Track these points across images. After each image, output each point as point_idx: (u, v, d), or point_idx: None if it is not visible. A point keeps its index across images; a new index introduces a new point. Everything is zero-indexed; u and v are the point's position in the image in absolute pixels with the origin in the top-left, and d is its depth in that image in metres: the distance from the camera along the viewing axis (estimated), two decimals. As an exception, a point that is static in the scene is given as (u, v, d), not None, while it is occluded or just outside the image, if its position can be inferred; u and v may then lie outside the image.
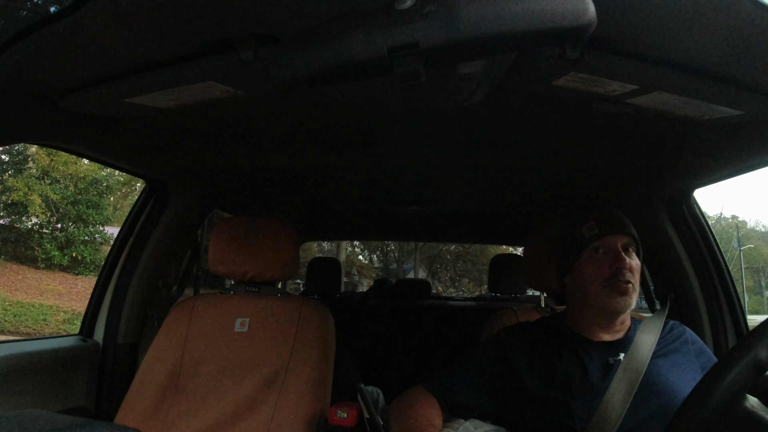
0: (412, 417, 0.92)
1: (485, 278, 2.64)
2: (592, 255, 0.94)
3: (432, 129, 1.15)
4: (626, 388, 0.86)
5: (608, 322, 0.96)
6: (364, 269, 18.57)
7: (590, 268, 0.94)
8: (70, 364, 1.34)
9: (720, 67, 0.70)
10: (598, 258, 0.94)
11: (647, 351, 0.91)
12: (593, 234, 0.94)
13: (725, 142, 0.98)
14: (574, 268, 0.97)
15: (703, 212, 1.39)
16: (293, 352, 1.20)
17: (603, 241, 0.94)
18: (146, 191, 1.50)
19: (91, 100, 0.84)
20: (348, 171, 1.50)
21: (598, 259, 0.93)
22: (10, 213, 11.75)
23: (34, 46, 0.66)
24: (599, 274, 0.92)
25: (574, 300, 1.00)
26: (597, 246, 0.94)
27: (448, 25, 0.46)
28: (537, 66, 0.72)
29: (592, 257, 0.94)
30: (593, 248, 0.94)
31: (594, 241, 0.94)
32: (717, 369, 0.63)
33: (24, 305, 10.25)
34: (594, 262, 0.94)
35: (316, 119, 1.09)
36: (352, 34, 0.50)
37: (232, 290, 1.33)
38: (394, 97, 0.89)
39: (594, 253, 0.94)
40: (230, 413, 1.14)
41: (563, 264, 1.00)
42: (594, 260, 0.94)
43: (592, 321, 0.97)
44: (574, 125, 1.06)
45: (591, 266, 0.94)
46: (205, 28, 0.64)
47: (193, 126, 1.12)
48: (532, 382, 0.93)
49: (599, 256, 0.94)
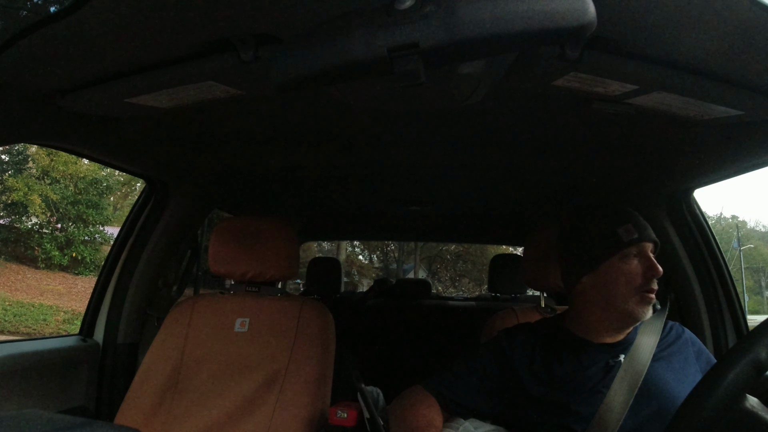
0: (412, 417, 0.92)
1: (485, 278, 2.64)
2: (626, 259, 0.91)
3: (432, 129, 1.15)
4: (626, 390, 0.85)
5: (621, 327, 0.95)
6: (364, 269, 18.55)
7: (622, 271, 0.90)
8: (70, 364, 1.34)
9: (720, 67, 0.70)
10: (631, 263, 0.90)
11: (648, 353, 0.90)
12: (633, 238, 0.90)
13: (725, 142, 0.98)
14: (599, 269, 0.93)
15: (703, 212, 1.39)
16: (293, 352, 1.20)
17: (639, 247, 0.91)
18: (146, 191, 1.50)
19: (91, 100, 0.84)
20: (348, 171, 1.50)
21: (631, 264, 0.90)
22: (10, 213, 11.76)
23: (34, 46, 0.66)
24: (632, 280, 0.89)
25: (587, 300, 0.96)
26: (633, 251, 0.91)
27: (448, 25, 0.46)
28: (537, 66, 0.72)
29: (625, 261, 0.91)
30: (628, 252, 0.91)
31: (632, 245, 0.90)
32: (717, 369, 0.62)
33: (24, 305, 10.26)
34: (627, 266, 0.90)
35: (316, 119, 1.09)
36: (352, 34, 0.50)
37: (232, 290, 1.33)
38: (394, 97, 0.89)
39: (628, 257, 0.91)
40: (230, 413, 1.14)
41: (586, 262, 0.94)
42: (627, 264, 0.90)
43: (602, 323, 0.95)
44: (574, 125, 1.06)
45: (623, 270, 0.90)
46: (205, 28, 0.65)
47: (193, 126, 1.12)
48: (532, 384, 0.93)
49: (633, 262, 0.90)
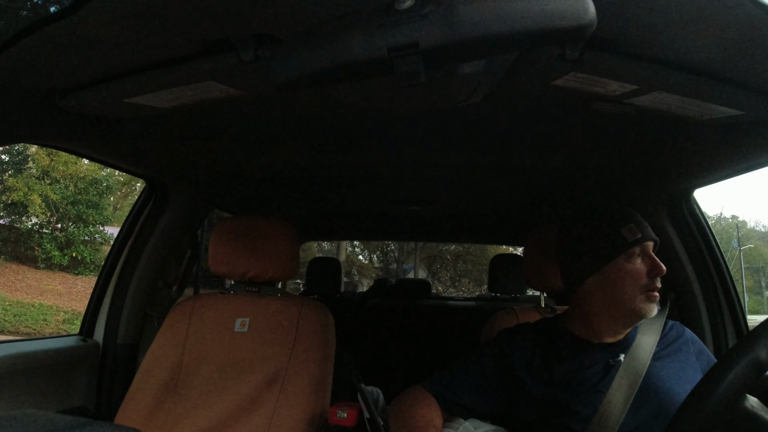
0: (413, 417, 0.92)
1: (485, 278, 2.64)
2: (630, 259, 0.92)
3: (432, 129, 1.15)
4: (626, 389, 0.86)
5: (628, 326, 0.95)
6: (364, 269, 18.56)
7: (629, 271, 0.91)
8: (70, 364, 1.34)
9: (720, 67, 0.70)
10: (636, 262, 0.92)
11: (647, 352, 0.91)
12: (636, 238, 0.92)
13: (725, 142, 0.98)
14: (604, 270, 0.94)
15: (703, 212, 1.39)
16: (293, 352, 1.20)
17: (643, 247, 0.92)
18: (146, 191, 1.50)
19: (91, 100, 0.84)
20: (348, 171, 1.50)
21: (636, 263, 0.92)
22: (10, 213, 11.76)
23: (34, 46, 0.66)
24: (637, 280, 0.91)
25: (592, 301, 0.96)
26: (637, 251, 0.92)
27: (448, 25, 0.46)
28: (537, 66, 0.72)
29: (629, 261, 0.92)
30: (632, 252, 0.92)
31: (636, 245, 0.92)
32: (717, 369, 0.62)
33: (24, 305, 10.26)
34: (632, 266, 0.92)
35: (316, 119, 1.09)
36: (352, 34, 0.50)
37: (232, 290, 1.33)
38: (394, 97, 0.89)
39: (632, 257, 0.92)
40: (230, 413, 1.14)
41: (591, 263, 0.95)
42: (632, 264, 0.92)
43: (606, 323, 0.95)
44: (574, 125, 1.06)
45: (629, 270, 0.92)
46: (205, 28, 0.64)
47: (193, 126, 1.12)
48: (532, 383, 0.93)
49: (637, 261, 0.92)
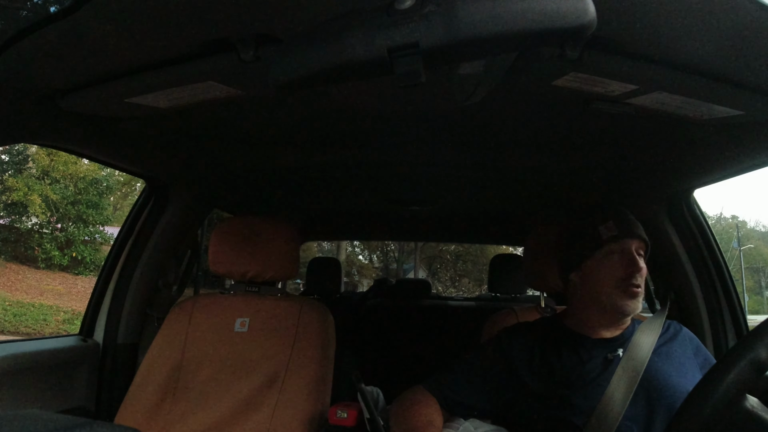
0: (413, 417, 0.92)
1: (485, 278, 2.64)
2: (608, 256, 0.93)
3: (432, 129, 1.15)
4: (626, 384, 0.86)
5: (613, 322, 0.97)
6: (364, 269, 18.56)
7: (604, 268, 0.93)
8: (70, 364, 1.34)
9: (720, 67, 0.70)
10: (613, 259, 0.93)
11: (646, 351, 0.91)
12: (612, 235, 0.93)
13: (725, 142, 0.98)
14: (584, 266, 0.96)
15: (703, 212, 1.39)
16: (293, 352, 1.20)
17: (620, 244, 0.93)
18: (146, 191, 1.50)
19: (91, 100, 0.84)
20: (348, 171, 1.50)
21: (613, 260, 0.93)
22: (10, 213, 11.75)
23: (34, 46, 0.66)
24: (612, 275, 0.92)
25: (578, 297, 0.99)
26: (614, 248, 0.93)
27: (448, 25, 0.46)
28: (537, 66, 0.72)
29: (607, 258, 0.93)
30: (609, 249, 0.93)
31: (612, 242, 0.93)
32: (717, 369, 0.63)
33: (24, 305, 10.26)
34: (609, 262, 0.93)
35: (316, 119, 1.09)
36: (352, 34, 0.50)
37: (232, 290, 1.33)
38: (394, 97, 0.89)
39: (610, 254, 0.93)
40: (230, 413, 1.14)
41: (572, 259, 0.99)
42: (609, 261, 0.93)
43: (595, 319, 0.97)
44: (574, 125, 1.06)
45: (605, 266, 0.93)
46: (205, 28, 0.65)
47: (193, 126, 1.12)
48: (532, 380, 0.93)
49: (614, 258, 0.93)
